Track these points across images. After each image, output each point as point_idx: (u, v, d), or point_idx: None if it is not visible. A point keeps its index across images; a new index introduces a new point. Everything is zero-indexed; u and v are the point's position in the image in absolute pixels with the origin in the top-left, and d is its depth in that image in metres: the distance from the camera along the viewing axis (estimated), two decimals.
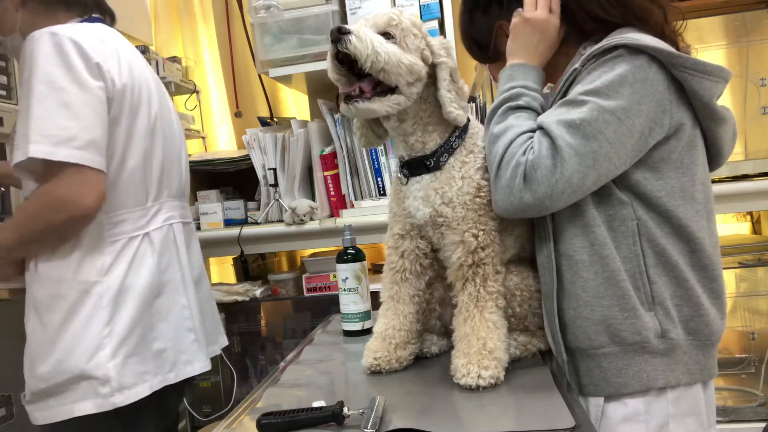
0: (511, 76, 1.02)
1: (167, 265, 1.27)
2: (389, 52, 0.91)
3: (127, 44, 1.28)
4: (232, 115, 2.68)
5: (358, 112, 0.95)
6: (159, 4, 2.64)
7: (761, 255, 1.93)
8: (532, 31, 1.01)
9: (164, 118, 1.32)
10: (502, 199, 0.93)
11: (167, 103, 1.37)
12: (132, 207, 1.23)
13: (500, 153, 0.94)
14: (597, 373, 0.96)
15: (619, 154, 0.89)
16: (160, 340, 1.23)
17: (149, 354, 1.21)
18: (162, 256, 1.26)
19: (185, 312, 1.29)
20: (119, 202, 1.21)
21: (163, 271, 1.26)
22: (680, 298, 0.94)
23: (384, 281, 1.11)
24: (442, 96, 0.98)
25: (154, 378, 1.21)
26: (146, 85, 1.27)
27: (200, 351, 1.31)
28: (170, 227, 1.30)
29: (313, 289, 2.00)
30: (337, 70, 0.95)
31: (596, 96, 0.88)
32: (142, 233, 1.24)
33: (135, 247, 1.22)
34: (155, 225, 1.26)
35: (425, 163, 1.01)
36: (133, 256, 1.21)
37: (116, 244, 1.20)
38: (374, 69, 0.91)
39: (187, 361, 1.28)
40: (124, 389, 1.16)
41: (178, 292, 1.29)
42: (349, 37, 0.89)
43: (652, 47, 0.88)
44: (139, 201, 1.24)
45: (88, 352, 1.14)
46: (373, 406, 0.83)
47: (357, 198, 1.96)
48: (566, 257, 0.97)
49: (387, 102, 0.95)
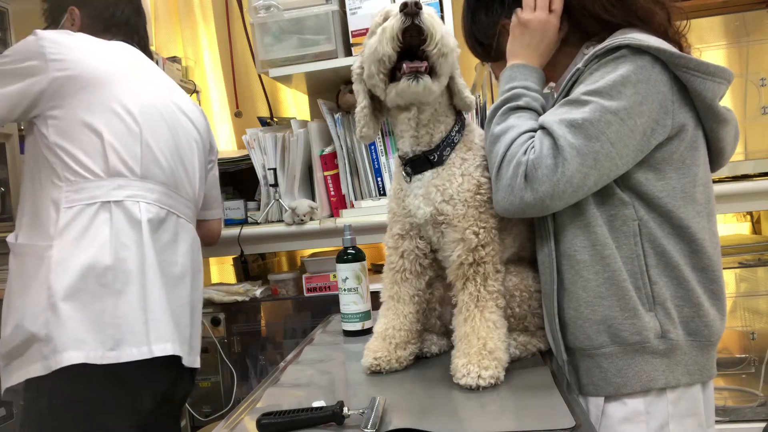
0: (511, 76, 1.02)
1: (126, 242, 1.24)
2: (453, 40, 0.94)
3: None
4: (232, 115, 2.68)
5: (423, 88, 0.93)
6: (159, 4, 2.64)
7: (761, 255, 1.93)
8: (532, 32, 1.01)
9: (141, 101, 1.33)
10: (503, 199, 0.93)
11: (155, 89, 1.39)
12: (90, 177, 1.24)
13: (501, 152, 0.94)
14: (597, 373, 0.96)
15: (621, 155, 0.89)
16: (105, 314, 1.20)
17: (91, 325, 1.18)
18: (121, 231, 1.24)
19: (140, 293, 1.24)
20: (76, 172, 1.23)
21: (119, 245, 1.23)
22: (681, 298, 0.94)
23: (384, 281, 1.11)
24: (458, 84, 1.01)
25: (92, 351, 1.17)
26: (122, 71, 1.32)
27: (149, 336, 1.24)
28: (137, 205, 1.27)
29: (313, 289, 2.00)
30: (396, 46, 0.91)
31: (599, 96, 0.88)
32: (100, 201, 1.23)
33: (90, 214, 1.22)
34: (116, 198, 1.25)
35: (428, 158, 1.01)
36: (87, 223, 1.21)
37: (70, 210, 1.21)
38: (440, 51, 0.92)
39: (132, 343, 1.21)
40: (57, 351, 1.15)
41: (132, 274, 1.24)
42: (426, 15, 0.89)
43: (655, 48, 0.88)
44: (96, 173, 1.24)
45: (36, 313, 1.17)
46: (373, 406, 0.83)
47: (357, 198, 1.96)
48: (567, 257, 0.97)
49: (437, 86, 0.95)
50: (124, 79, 1.32)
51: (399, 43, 0.91)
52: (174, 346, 1.27)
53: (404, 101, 0.98)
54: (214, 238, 1.71)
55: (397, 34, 0.90)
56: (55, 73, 1.23)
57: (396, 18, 0.90)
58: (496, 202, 0.96)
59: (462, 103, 1.03)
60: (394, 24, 0.90)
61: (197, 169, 1.46)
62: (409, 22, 0.89)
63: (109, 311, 1.20)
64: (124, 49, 1.39)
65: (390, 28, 0.91)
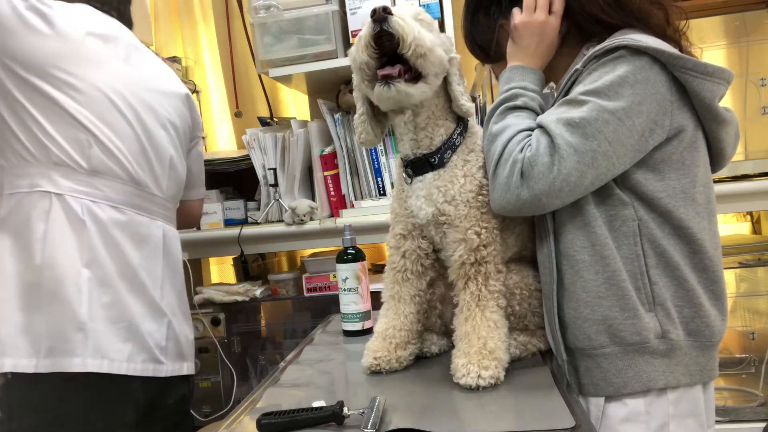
0: (509, 78, 1.02)
1: (64, 241, 1.13)
2: (429, 39, 0.92)
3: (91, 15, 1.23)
4: (232, 115, 2.68)
5: (397, 94, 0.93)
6: (159, 4, 2.64)
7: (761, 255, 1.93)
8: (532, 34, 1.01)
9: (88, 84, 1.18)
10: (499, 196, 0.94)
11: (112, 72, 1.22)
12: (39, 165, 1.14)
13: (498, 150, 0.94)
14: (597, 373, 0.96)
15: (618, 154, 0.89)
16: (38, 317, 1.11)
17: (28, 328, 1.10)
18: (62, 228, 1.13)
19: (75, 298, 1.12)
20: (27, 154, 1.13)
21: (57, 244, 1.12)
22: (681, 299, 0.94)
23: (385, 281, 1.11)
24: (454, 90, 0.99)
25: (23, 358, 1.09)
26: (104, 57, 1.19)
27: (87, 346, 1.12)
28: (78, 202, 1.15)
29: (313, 289, 2.00)
30: (371, 53, 0.93)
31: (597, 96, 0.88)
32: (42, 191, 1.13)
33: (30, 204, 1.13)
34: (60, 190, 1.14)
35: (429, 161, 1.01)
36: (27, 216, 1.12)
37: (12, 197, 1.14)
38: (415, 53, 0.90)
39: (66, 352, 1.10)
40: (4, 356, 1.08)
41: (68, 277, 1.12)
42: (395, 18, 0.89)
43: (653, 48, 0.88)
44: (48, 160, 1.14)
45: None
46: (373, 406, 0.83)
47: (357, 198, 1.96)
48: (567, 257, 0.97)
49: (419, 89, 0.94)
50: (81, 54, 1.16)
51: (374, 50, 0.92)
52: (111, 364, 1.15)
53: (386, 107, 0.99)
54: (193, 219, 1.57)
55: (370, 42, 0.91)
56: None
57: (367, 25, 0.91)
58: (492, 199, 0.97)
59: (459, 110, 1.02)
60: (366, 32, 0.91)
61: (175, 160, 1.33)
62: (378, 28, 0.89)
63: (41, 313, 1.11)
64: (86, 15, 1.22)
65: (363, 36, 0.92)
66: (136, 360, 1.18)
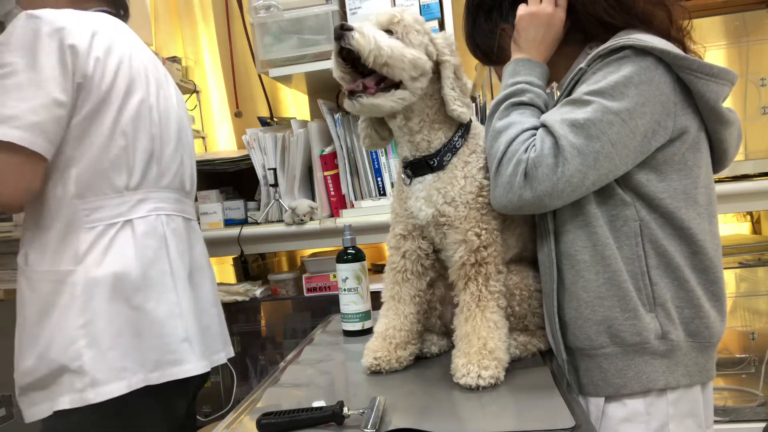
0: (515, 71, 1.01)
1: (154, 257, 1.19)
2: (392, 47, 0.92)
3: (126, 36, 1.24)
4: (232, 115, 2.68)
5: (362, 108, 0.95)
6: (159, 4, 2.64)
7: (761, 255, 1.93)
8: (538, 25, 1.00)
9: (159, 106, 1.25)
10: (501, 195, 0.93)
11: (167, 92, 1.31)
12: (111, 193, 1.16)
13: (502, 149, 0.94)
14: (597, 373, 0.96)
15: (621, 155, 0.89)
16: (143, 335, 1.15)
17: (130, 349, 1.13)
18: (146, 247, 1.18)
19: (174, 309, 1.20)
20: (97, 187, 1.15)
21: (148, 263, 1.18)
22: (681, 299, 0.94)
23: (385, 281, 1.11)
24: (446, 94, 0.98)
25: (133, 376, 1.12)
26: (142, 76, 1.22)
27: (191, 351, 1.21)
28: (158, 218, 1.22)
29: (313, 289, 2.00)
30: (342, 68, 0.95)
31: (601, 96, 0.88)
32: (122, 220, 1.16)
33: (112, 234, 1.15)
34: (138, 214, 1.19)
35: (428, 163, 1.01)
36: (109, 244, 1.14)
37: (92, 231, 1.14)
38: (377, 63, 0.91)
39: (174, 361, 1.17)
40: (97, 385, 1.09)
41: (166, 287, 1.20)
42: (352, 34, 0.89)
43: (659, 49, 0.88)
44: (119, 188, 1.17)
45: (65, 344, 1.09)
46: (373, 406, 0.83)
47: (357, 198, 1.96)
48: (568, 257, 0.97)
49: (391, 97, 0.95)
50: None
51: (344, 65, 0.95)
52: (207, 364, 1.25)
53: (363, 117, 1.04)
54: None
55: (338, 59, 0.94)
56: None
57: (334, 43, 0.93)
58: (493, 197, 0.96)
59: (451, 115, 1.00)
60: (333, 49, 0.93)
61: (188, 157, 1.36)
62: (338, 45, 0.91)
63: (145, 332, 1.15)
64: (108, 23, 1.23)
65: (333, 53, 0.95)
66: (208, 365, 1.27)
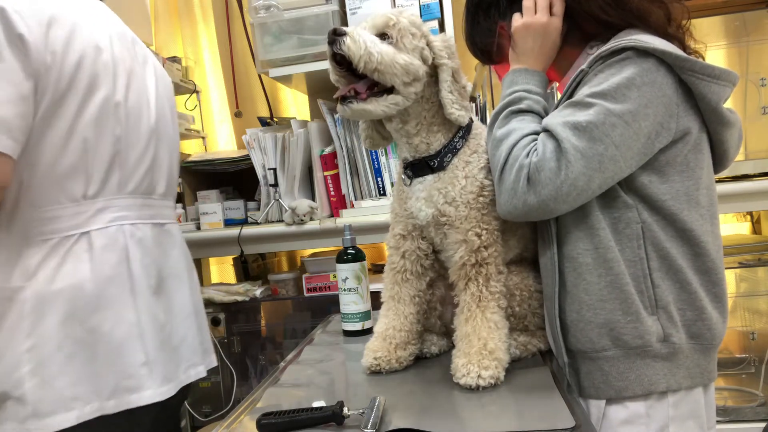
0: (513, 81, 1.01)
1: (112, 273, 1.07)
2: (383, 53, 0.92)
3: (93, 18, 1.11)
4: (232, 115, 2.68)
5: (353, 113, 0.95)
6: (159, 4, 2.64)
7: (761, 255, 1.93)
8: (534, 36, 1.00)
9: (128, 102, 1.13)
10: (506, 202, 0.93)
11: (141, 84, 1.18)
12: (66, 203, 1.05)
13: (504, 156, 0.93)
14: (598, 375, 0.96)
15: (625, 157, 0.88)
16: (97, 360, 1.04)
17: (83, 376, 1.02)
18: (104, 263, 1.07)
19: (133, 330, 1.08)
20: (52, 196, 1.04)
21: (105, 280, 1.06)
22: (683, 302, 0.93)
23: (385, 281, 1.11)
24: (443, 98, 0.98)
25: (85, 406, 1.02)
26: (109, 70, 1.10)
27: (150, 377, 1.09)
28: (120, 228, 1.10)
29: (313, 289, 2.00)
30: (337, 72, 0.96)
31: (603, 98, 0.87)
32: (79, 233, 1.05)
33: (67, 247, 1.04)
34: (97, 225, 1.07)
35: (429, 164, 1.01)
36: (63, 259, 1.03)
37: (45, 244, 1.03)
38: (368, 69, 0.91)
39: (132, 388, 1.06)
40: (40, 416, 0.99)
41: (125, 306, 1.08)
42: (344, 39, 0.90)
43: (660, 50, 0.87)
44: (75, 196, 1.06)
45: (8, 369, 0.99)
46: (373, 406, 0.83)
47: (357, 198, 1.96)
48: (570, 260, 0.97)
49: (383, 102, 0.95)
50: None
51: (339, 69, 0.95)
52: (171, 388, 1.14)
53: (361, 120, 1.04)
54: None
55: (332, 63, 0.95)
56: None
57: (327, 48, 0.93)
58: (499, 205, 0.96)
59: (449, 118, 0.99)
60: (328, 52, 0.94)
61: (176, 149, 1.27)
62: (331, 50, 0.92)
63: (101, 357, 1.04)
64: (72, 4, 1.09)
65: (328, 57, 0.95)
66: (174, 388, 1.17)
